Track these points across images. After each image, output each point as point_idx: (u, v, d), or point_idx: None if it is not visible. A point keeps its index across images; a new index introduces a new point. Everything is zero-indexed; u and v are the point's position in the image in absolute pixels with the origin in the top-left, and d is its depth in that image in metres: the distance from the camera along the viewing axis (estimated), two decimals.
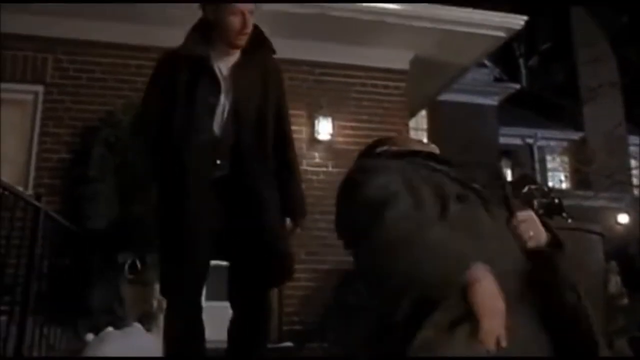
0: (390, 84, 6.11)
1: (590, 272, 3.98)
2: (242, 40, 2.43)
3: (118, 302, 4.18)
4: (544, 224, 1.69)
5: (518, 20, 6.04)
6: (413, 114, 7.61)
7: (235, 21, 2.37)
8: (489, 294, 1.38)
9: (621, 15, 15.66)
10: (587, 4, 15.72)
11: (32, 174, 5.24)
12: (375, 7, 5.56)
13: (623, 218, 15.56)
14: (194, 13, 2.50)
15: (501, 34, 6.05)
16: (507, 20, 6.05)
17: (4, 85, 5.13)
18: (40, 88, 5.41)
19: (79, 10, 5.24)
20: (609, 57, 16.31)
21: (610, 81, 16.28)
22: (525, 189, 4.08)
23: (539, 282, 1.52)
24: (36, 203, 3.34)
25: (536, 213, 1.70)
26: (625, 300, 9.15)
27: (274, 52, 2.56)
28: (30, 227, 3.34)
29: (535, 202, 3.90)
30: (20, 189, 3.74)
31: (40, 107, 5.38)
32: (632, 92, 16.23)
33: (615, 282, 8.88)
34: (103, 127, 5.02)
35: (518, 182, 4.90)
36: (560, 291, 1.53)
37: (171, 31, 2.93)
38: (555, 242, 1.65)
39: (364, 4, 5.55)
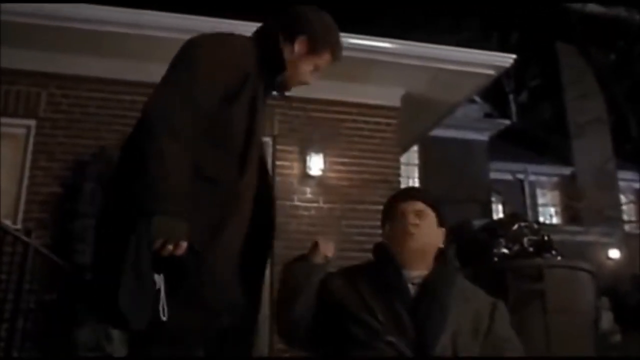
0: (382, 120, 6.16)
1: (580, 310, 3.98)
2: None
3: (106, 340, 4.11)
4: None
5: (507, 59, 6.14)
6: (405, 149, 7.66)
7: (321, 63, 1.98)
8: None
9: (608, 54, 15.94)
10: (575, 42, 16.01)
11: (22, 207, 5.20)
12: (367, 45, 5.64)
13: (614, 253, 15.58)
14: None
15: (491, 72, 6.13)
16: (496, 59, 6.15)
17: None
18: (32, 122, 5.42)
19: (74, 46, 5.29)
20: (597, 94, 16.55)
21: (598, 117, 16.51)
22: (515, 227, 4.10)
23: None
24: (25, 239, 3.32)
25: (526, 250, 1.72)
26: (618, 337, 9.10)
27: None
28: (18, 263, 3.31)
29: (525, 240, 3.92)
30: (9, 222, 3.72)
31: (32, 140, 5.38)
32: (620, 129, 16.42)
33: (607, 319, 8.85)
34: (95, 162, 5.02)
35: (508, 219, 4.93)
36: None
37: (163, 67, 2.92)
38: None
39: (356, 41, 5.63)
